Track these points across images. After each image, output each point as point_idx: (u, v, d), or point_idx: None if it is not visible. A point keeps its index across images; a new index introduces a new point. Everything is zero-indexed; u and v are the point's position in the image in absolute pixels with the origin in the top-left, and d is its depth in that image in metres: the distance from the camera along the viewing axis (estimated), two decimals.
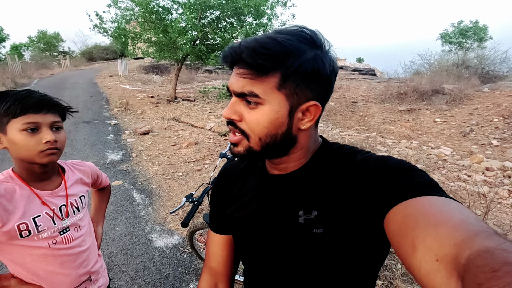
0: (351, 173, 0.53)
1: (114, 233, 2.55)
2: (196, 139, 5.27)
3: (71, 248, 0.88)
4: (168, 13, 8.09)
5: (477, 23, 21.11)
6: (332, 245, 0.52)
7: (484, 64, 10.25)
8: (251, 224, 0.64)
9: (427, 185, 0.44)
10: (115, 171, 3.96)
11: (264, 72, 0.48)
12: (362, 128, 6.44)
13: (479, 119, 6.06)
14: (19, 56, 21.07)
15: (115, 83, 12.96)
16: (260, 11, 7.65)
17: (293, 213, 0.56)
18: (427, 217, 0.37)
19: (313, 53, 0.49)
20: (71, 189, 0.92)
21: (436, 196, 0.41)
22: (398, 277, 1.96)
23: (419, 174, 0.47)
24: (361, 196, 0.50)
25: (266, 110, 0.51)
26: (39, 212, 0.82)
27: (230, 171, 0.76)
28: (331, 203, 0.53)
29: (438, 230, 0.35)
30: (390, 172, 0.49)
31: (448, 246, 0.32)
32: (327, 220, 0.53)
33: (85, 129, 6.05)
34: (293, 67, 0.48)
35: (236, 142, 0.55)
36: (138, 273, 2.10)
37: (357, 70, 17.21)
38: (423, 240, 0.35)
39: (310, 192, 0.56)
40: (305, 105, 0.52)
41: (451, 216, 0.36)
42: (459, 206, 0.39)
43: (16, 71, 15.44)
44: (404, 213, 0.41)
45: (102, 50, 29.07)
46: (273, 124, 0.51)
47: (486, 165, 3.94)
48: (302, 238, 0.55)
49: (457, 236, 0.33)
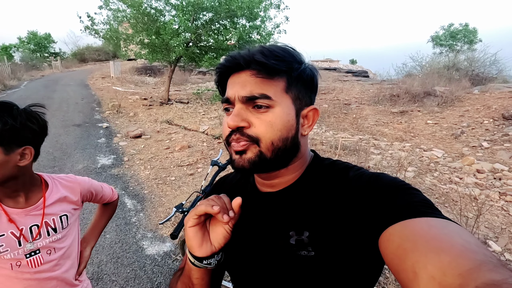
0: (343, 191, 0.52)
1: (104, 241, 2.49)
2: (189, 142, 5.22)
3: (38, 273, 0.82)
4: (161, 14, 8.03)
5: (467, 26, 21.53)
6: (324, 268, 0.51)
7: (474, 66, 10.43)
8: (241, 243, 0.61)
9: (424, 205, 0.43)
10: (106, 176, 3.88)
11: (275, 74, 0.50)
12: (356, 130, 6.48)
13: (470, 121, 6.14)
14: (8, 57, 20.69)
15: (107, 85, 12.81)
16: (253, 13, 7.65)
17: (283, 233, 0.54)
18: (427, 240, 0.37)
19: (307, 65, 0.54)
20: (51, 208, 0.86)
21: (434, 218, 0.40)
22: (392, 283, 1.96)
23: (414, 193, 0.46)
24: (354, 215, 0.48)
25: (279, 113, 0.51)
26: (3, 231, 0.76)
27: (224, 184, 0.74)
28: (323, 223, 0.51)
29: (441, 257, 0.34)
30: (384, 190, 0.48)
31: (451, 276, 0.31)
32: (318, 242, 0.51)
33: (75, 132, 5.95)
34: (297, 72, 0.52)
35: (244, 149, 0.52)
36: (128, 282, 2.05)
37: (350, 72, 17.36)
38: (424, 267, 0.34)
39: (302, 211, 0.54)
40: (306, 110, 0.55)
41: (452, 242, 0.35)
42: (459, 228, 0.39)
43: (5, 73, 15.12)
44: (401, 234, 0.40)
45: (94, 51, 28.71)
46: (286, 126, 0.52)
47: (477, 167, 3.99)
48: (292, 260, 0.53)
49: (461, 265, 0.32)
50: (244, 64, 0.51)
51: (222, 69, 0.55)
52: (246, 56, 0.50)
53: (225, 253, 0.67)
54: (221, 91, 0.58)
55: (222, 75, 0.56)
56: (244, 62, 0.50)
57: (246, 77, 0.51)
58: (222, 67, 0.55)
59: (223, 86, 0.57)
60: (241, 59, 0.51)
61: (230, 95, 0.53)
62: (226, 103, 0.54)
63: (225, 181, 0.75)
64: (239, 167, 0.53)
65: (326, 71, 17.37)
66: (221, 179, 0.77)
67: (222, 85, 0.57)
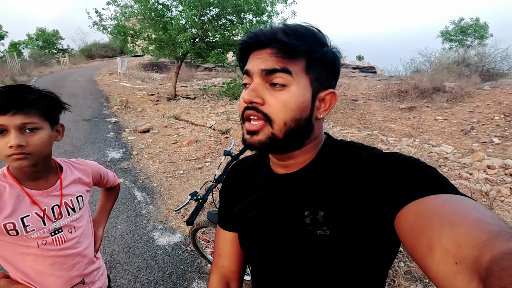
0: (357, 170, 0.52)
1: (116, 231, 2.54)
2: (196, 137, 5.26)
3: (62, 250, 0.86)
4: (168, 10, 8.05)
5: (477, 20, 21.06)
6: (339, 247, 0.51)
7: (484, 62, 10.22)
8: (257, 225, 0.63)
9: (439, 182, 0.43)
10: (116, 169, 3.94)
11: (295, 54, 0.50)
12: (363, 126, 6.43)
13: (480, 117, 6.05)
14: (18, 54, 20.96)
15: (115, 81, 12.92)
16: (260, 8, 7.61)
17: (299, 213, 0.55)
18: (441, 216, 0.36)
19: (330, 48, 0.53)
20: (67, 189, 0.89)
21: (449, 194, 0.40)
22: (401, 275, 1.96)
23: (429, 170, 0.46)
24: (369, 195, 0.48)
25: (295, 92, 0.51)
26: (28, 212, 0.79)
27: (239, 167, 0.75)
28: (338, 203, 0.51)
29: (455, 230, 0.33)
30: (399, 169, 0.47)
31: (467, 247, 0.31)
32: (334, 221, 0.51)
33: (85, 127, 6.03)
34: (319, 53, 0.51)
35: (257, 130, 0.52)
36: (140, 271, 2.09)
37: (357, 68, 17.17)
38: (439, 240, 0.34)
39: (316, 192, 0.54)
40: (324, 93, 0.54)
41: (467, 215, 0.35)
42: (474, 203, 0.38)
43: (15, 69, 15.36)
44: (417, 212, 0.40)
45: (102, 48, 28.92)
46: (300, 107, 0.51)
47: (488, 163, 3.94)
48: (308, 239, 0.53)
49: (476, 237, 0.31)
50: (266, 41, 0.50)
51: (244, 45, 0.55)
52: (268, 33, 0.50)
53: (242, 233, 0.69)
54: (242, 66, 0.58)
55: (244, 51, 0.56)
56: (265, 39, 0.50)
57: (267, 55, 0.51)
58: (244, 44, 0.54)
59: (244, 62, 0.57)
60: (263, 37, 0.50)
61: (250, 68, 0.53)
62: (246, 75, 0.54)
63: (239, 166, 0.76)
64: (249, 145, 0.54)
65: None
66: (235, 165, 0.78)
67: (243, 61, 0.57)
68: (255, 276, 0.69)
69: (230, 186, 0.73)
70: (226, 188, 0.75)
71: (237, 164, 0.77)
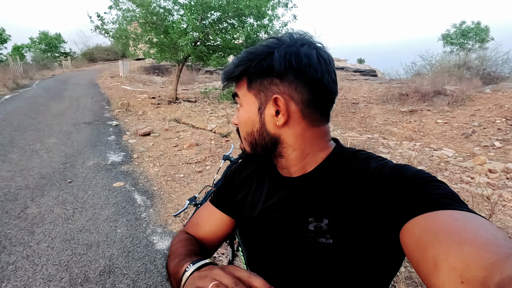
0: (365, 181, 0.51)
1: (116, 235, 2.54)
2: (197, 140, 5.26)
3: None
4: (169, 14, 8.10)
5: (478, 24, 21.11)
6: (341, 257, 0.50)
7: (486, 65, 10.22)
8: (259, 225, 0.62)
9: (448, 198, 0.42)
10: (116, 173, 3.94)
11: (235, 79, 0.58)
12: (364, 130, 6.42)
13: (481, 120, 6.03)
14: (20, 57, 21.11)
15: (116, 84, 12.98)
16: (261, 12, 7.65)
17: (303, 219, 0.54)
18: (449, 233, 0.35)
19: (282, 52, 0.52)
20: None
21: (459, 211, 0.39)
22: (402, 281, 1.94)
23: (439, 185, 0.45)
24: (375, 206, 0.47)
25: (243, 110, 0.58)
26: None
27: (250, 163, 0.73)
28: (343, 212, 0.50)
29: (464, 249, 0.32)
30: (408, 182, 0.46)
31: (475, 268, 0.30)
32: (338, 230, 0.50)
33: (86, 130, 6.04)
34: (256, 67, 0.54)
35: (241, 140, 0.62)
36: (139, 275, 2.08)
37: (358, 71, 17.20)
38: (446, 258, 0.33)
39: (322, 199, 0.54)
40: (271, 101, 0.54)
41: (476, 234, 0.34)
42: (485, 222, 0.37)
43: (17, 72, 15.44)
44: (423, 226, 0.39)
45: (103, 51, 29.11)
46: (247, 122, 0.58)
47: (489, 167, 3.92)
48: (310, 245, 0.53)
49: (485, 257, 0.31)
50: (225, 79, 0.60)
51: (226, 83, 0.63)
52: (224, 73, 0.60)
53: (245, 231, 0.69)
54: None
55: None
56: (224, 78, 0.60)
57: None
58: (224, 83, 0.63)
59: None
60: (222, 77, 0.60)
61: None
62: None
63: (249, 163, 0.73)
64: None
65: None
66: (234, 170, 0.76)
67: None
68: None
69: (239, 177, 0.73)
70: (234, 174, 0.74)
71: (235, 170, 0.76)
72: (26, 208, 2.93)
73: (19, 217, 2.77)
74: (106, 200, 3.16)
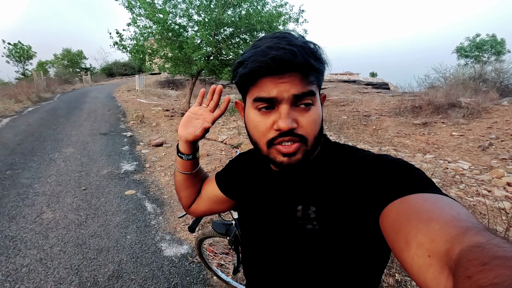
0: (349, 170, 0.54)
1: (125, 241, 2.58)
2: (208, 151, 5.33)
3: None
4: (184, 30, 8.42)
5: (494, 36, 20.77)
6: (327, 241, 0.53)
7: (502, 77, 9.99)
8: (253, 213, 0.67)
9: (422, 183, 0.45)
10: (128, 181, 4.04)
11: (316, 73, 0.52)
12: (375, 142, 6.34)
13: (499, 133, 5.84)
14: (44, 72, 22.31)
15: (132, 97, 13.42)
16: (272, 27, 7.84)
17: (292, 207, 0.58)
18: (419, 213, 0.38)
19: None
20: None
21: (430, 193, 0.42)
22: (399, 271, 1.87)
23: (414, 172, 0.48)
24: (359, 194, 0.51)
25: (317, 109, 0.53)
26: None
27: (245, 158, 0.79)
28: (329, 200, 0.54)
29: (430, 226, 0.35)
30: (386, 170, 0.50)
31: (439, 241, 0.33)
32: (324, 216, 0.53)
33: (102, 140, 6.25)
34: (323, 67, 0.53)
35: (295, 151, 0.51)
36: (146, 281, 2.10)
37: (370, 84, 17.12)
38: (415, 236, 0.36)
39: (310, 188, 0.57)
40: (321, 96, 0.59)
41: (442, 212, 0.37)
42: (452, 202, 0.40)
43: (41, 86, 16.31)
44: (398, 209, 0.42)
45: (121, 66, 30.40)
46: (320, 119, 0.54)
47: (507, 180, 3.77)
48: (299, 232, 0.56)
49: (448, 232, 0.33)
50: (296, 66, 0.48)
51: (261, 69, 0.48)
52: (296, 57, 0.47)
53: (241, 219, 0.73)
54: (245, 88, 0.55)
55: (257, 74, 0.50)
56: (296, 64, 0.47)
57: (296, 79, 0.49)
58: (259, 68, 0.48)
59: (249, 85, 0.53)
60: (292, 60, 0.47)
61: (275, 95, 0.49)
62: (267, 102, 0.51)
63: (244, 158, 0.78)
64: (287, 166, 0.53)
65: (345, 84, 17.25)
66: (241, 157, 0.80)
67: (248, 82, 0.53)
68: (247, 264, 0.72)
69: (239, 169, 0.77)
70: (238, 165, 0.78)
71: (243, 155, 0.80)
72: (42, 214, 3.04)
73: (35, 221, 2.87)
74: (117, 207, 3.24)
